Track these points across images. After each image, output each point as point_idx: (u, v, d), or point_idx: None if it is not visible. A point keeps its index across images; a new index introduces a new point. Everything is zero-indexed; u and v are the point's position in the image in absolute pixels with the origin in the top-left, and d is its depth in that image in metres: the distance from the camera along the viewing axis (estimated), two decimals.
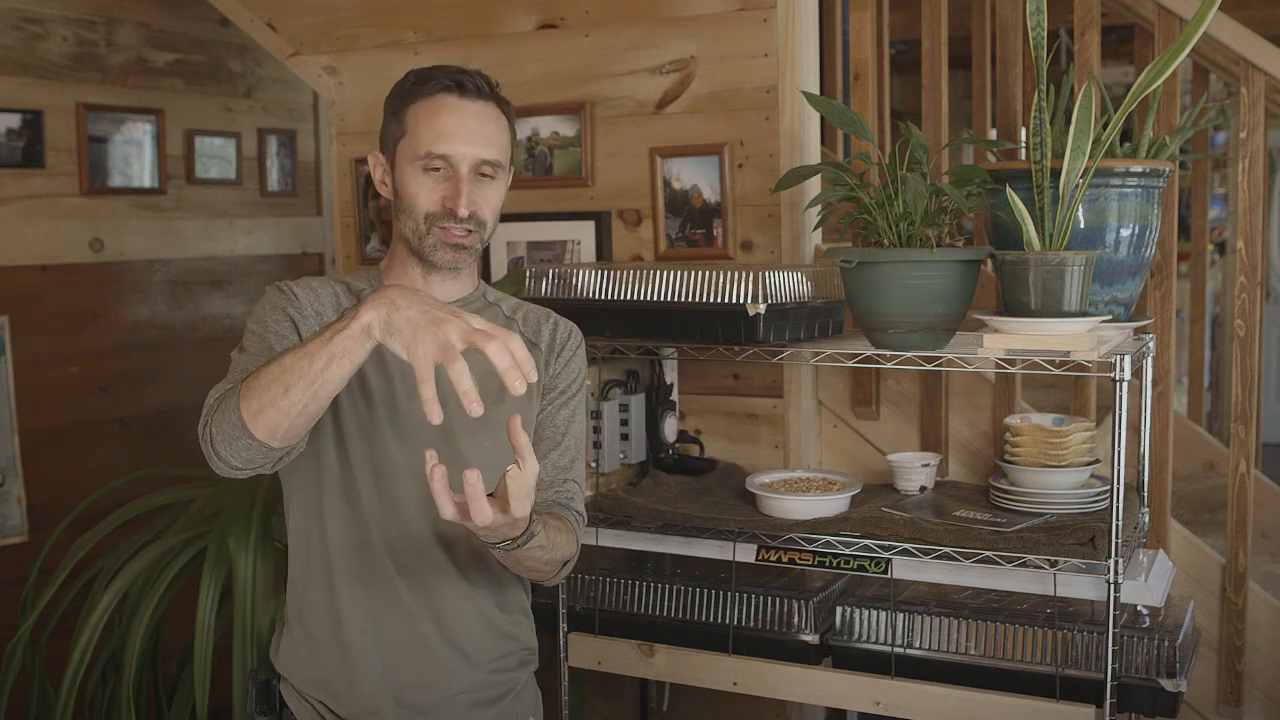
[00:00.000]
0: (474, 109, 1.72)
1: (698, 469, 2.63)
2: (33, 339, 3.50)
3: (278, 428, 1.45)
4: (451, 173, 1.71)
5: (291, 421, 1.45)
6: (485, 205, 1.73)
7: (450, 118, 1.71)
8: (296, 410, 1.44)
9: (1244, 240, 2.46)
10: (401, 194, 1.74)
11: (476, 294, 1.85)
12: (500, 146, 1.75)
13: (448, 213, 1.70)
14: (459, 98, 1.71)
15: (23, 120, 3.48)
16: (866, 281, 2.12)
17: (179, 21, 3.91)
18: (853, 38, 2.69)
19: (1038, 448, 2.24)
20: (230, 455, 1.49)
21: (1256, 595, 2.49)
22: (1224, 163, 5.75)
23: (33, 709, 2.74)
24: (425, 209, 1.71)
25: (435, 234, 1.71)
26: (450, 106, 1.71)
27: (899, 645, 2.23)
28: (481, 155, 1.72)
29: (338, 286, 1.78)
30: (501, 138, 1.76)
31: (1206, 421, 4.33)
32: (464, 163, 1.71)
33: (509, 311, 1.86)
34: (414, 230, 1.72)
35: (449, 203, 1.70)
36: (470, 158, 1.71)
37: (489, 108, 1.74)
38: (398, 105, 1.75)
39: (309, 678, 1.76)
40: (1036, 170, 2.12)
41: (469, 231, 1.72)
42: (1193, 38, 2.04)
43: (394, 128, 1.76)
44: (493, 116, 1.75)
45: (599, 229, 2.83)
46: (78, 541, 2.76)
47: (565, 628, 2.47)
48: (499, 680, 1.81)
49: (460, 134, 1.71)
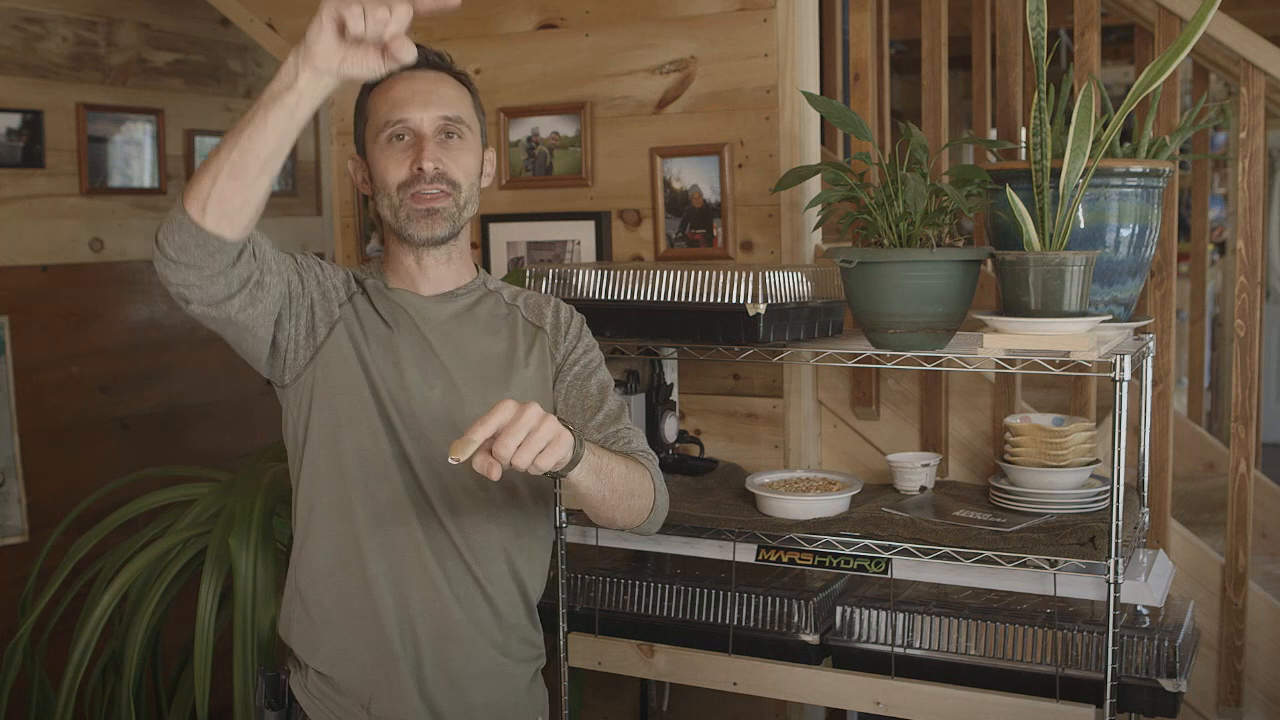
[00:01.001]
0: (427, 75, 1.75)
1: (698, 469, 2.63)
2: (33, 339, 3.50)
3: (206, 195, 1.44)
4: (415, 138, 1.72)
5: (218, 185, 1.43)
6: (454, 164, 1.73)
7: (402, 85, 1.74)
8: (224, 171, 1.42)
9: (1244, 240, 2.46)
10: (375, 177, 1.75)
11: (476, 282, 1.85)
12: (461, 106, 1.76)
13: (415, 176, 1.71)
14: (411, 70, 1.71)
15: (23, 120, 3.48)
16: (866, 281, 2.12)
17: (179, 21, 3.91)
18: (853, 38, 2.69)
19: (1038, 448, 2.24)
20: (166, 239, 1.50)
21: (1256, 595, 2.49)
22: (1224, 163, 5.75)
23: (33, 709, 2.74)
24: (395, 180, 1.72)
25: (408, 204, 1.72)
26: (403, 78, 1.74)
27: (899, 645, 2.23)
28: (440, 112, 1.73)
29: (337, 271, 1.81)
30: (462, 101, 1.77)
31: (1206, 421, 4.33)
32: (425, 124, 1.72)
33: (510, 298, 1.87)
34: (390, 207, 1.73)
35: (415, 164, 1.71)
36: (429, 118, 1.72)
37: (442, 75, 1.77)
38: (361, 101, 1.80)
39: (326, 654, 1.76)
40: (1036, 170, 2.12)
41: (441, 193, 1.72)
42: (1193, 38, 2.04)
43: (360, 123, 1.80)
44: (448, 81, 1.77)
45: (599, 229, 2.83)
46: (78, 541, 2.76)
47: (565, 628, 2.47)
48: (507, 667, 1.81)
49: (414, 97, 1.73)
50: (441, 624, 1.74)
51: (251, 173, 1.44)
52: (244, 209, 1.47)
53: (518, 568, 1.80)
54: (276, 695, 1.81)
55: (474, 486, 1.73)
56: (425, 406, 1.72)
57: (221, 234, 1.48)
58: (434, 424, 1.72)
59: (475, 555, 1.75)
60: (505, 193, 2.95)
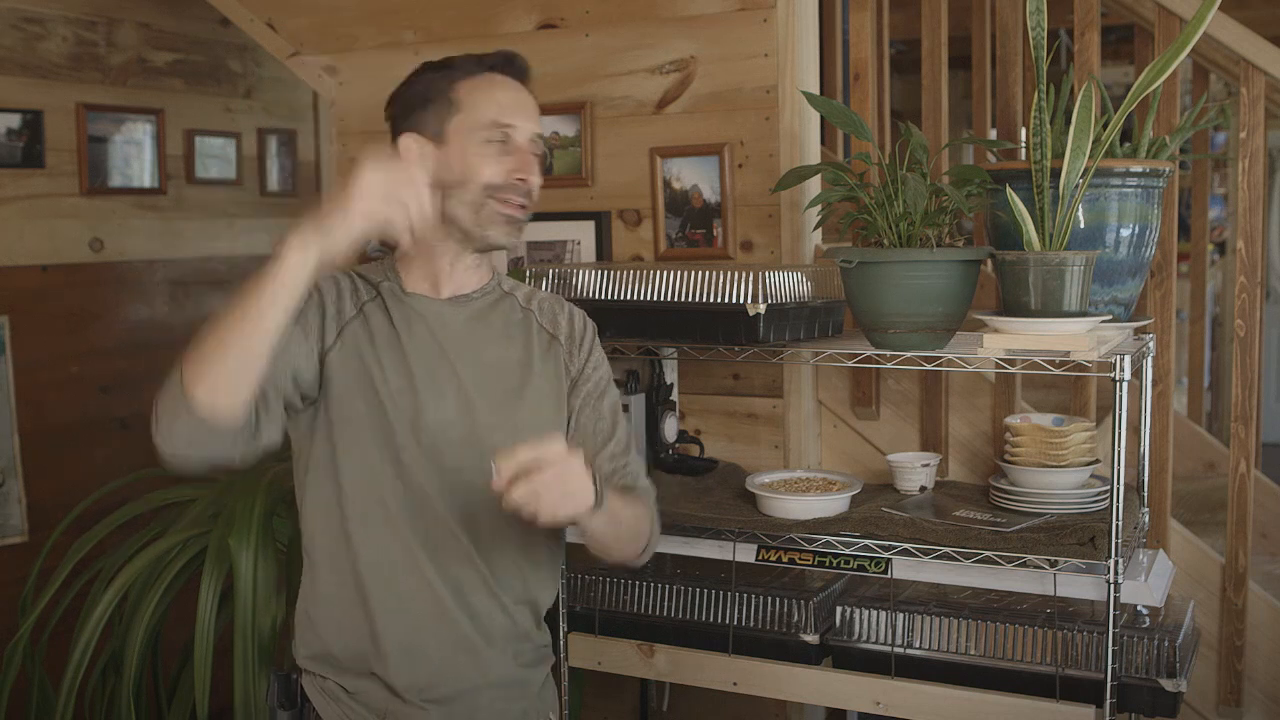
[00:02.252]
0: (521, 87, 1.78)
1: (698, 469, 2.63)
2: (33, 339, 3.50)
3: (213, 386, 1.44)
4: (513, 146, 1.72)
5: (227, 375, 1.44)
6: (539, 181, 1.76)
7: (509, 92, 1.75)
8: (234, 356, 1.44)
9: (1244, 240, 2.46)
10: (457, 169, 1.71)
11: (492, 284, 1.84)
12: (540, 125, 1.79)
13: (512, 184, 1.71)
14: (508, 77, 1.76)
15: (23, 120, 3.48)
16: (866, 281, 2.12)
17: (179, 21, 3.91)
18: (853, 38, 2.69)
19: (1038, 448, 2.24)
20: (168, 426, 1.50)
21: (1256, 595, 2.49)
22: (1224, 163, 5.75)
23: (33, 709, 2.74)
24: (487, 179, 1.70)
25: (492, 206, 1.71)
26: (504, 83, 1.76)
27: (899, 645, 2.23)
28: (537, 130, 1.76)
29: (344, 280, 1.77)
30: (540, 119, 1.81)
31: (1206, 421, 4.33)
32: (524, 136, 1.74)
33: (524, 301, 1.86)
34: (471, 203, 1.71)
35: (517, 174, 1.71)
36: (529, 133, 1.75)
37: (529, 90, 1.80)
38: (443, 85, 1.74)
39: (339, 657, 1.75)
40: (1036, 170, 2.12)
41: (524, 205, 1.73)
42: (1193, 38, 2.04)
43: (441, 108, 1.73)
44: (533, 98, 1.80)
45: (599, 229, 2.83)
46: (78, 541, 2.76)
47: (565, 628, 2.47)
48: (520, 675, 1.80)
49: (521, 108, 1.75)
50: (454, 641, 1.73)
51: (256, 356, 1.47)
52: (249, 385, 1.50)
53: (527, 576, 1.79)
54: (289, 696, 1.80)
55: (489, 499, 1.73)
56: (438, 416, 1.71)
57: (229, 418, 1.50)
58: (445, 432, 1.71)
59: (490, 567, 1.74)
60: None
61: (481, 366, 1.76)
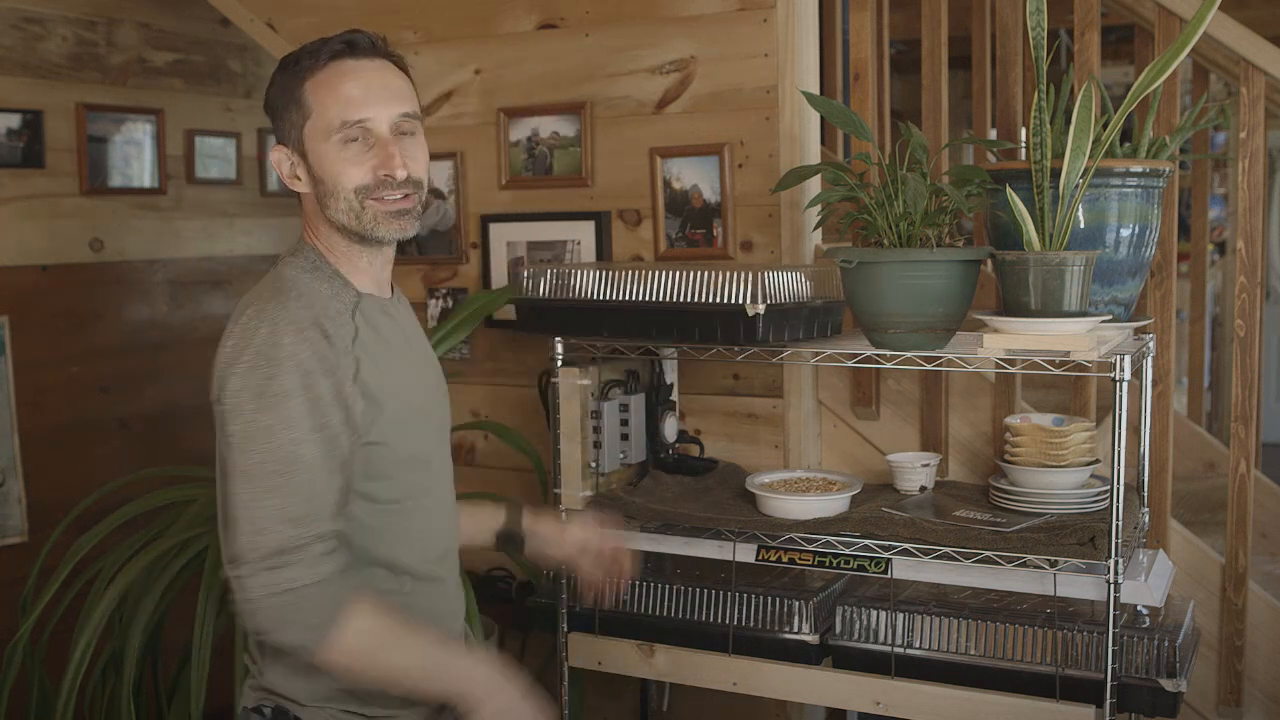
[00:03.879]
0: (373, 66, 1.63)
1: (698, 469, 2.62)
2: (33, 339, 3.50)
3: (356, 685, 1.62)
4: (373, 139, 1.62)
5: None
6: (415, 163, 1.65)
7: (353, 82, 1.61)
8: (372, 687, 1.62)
9: (1244, 240, 2.46)
10: (322, 177, 1.63)
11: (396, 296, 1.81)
12: (411, 99, 1.67)
13: (381, 181, 1.62)
14: (354, 60, 1.63)
15: (23, 120, 3.48)
16: (866, 281, 2.12)
17: (179, 21, 3.91)
18: (853, 38, 2.69)
19: (1038, 448, 2.24)
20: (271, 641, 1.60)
21: (1256, 595, 2.49)
22: (1224, 163, 5.75)
23: (33, 709, 2.74)
24: (354, 184, 1.61)
25: (371, 207, 1.62)
26: (349, 71, 1.62)
27: (899, 645, 2.23)
28: (398, 110, 1.63)
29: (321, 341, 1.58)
30: (410, 92, 1.68)
31: (1206, 421, 4.32)
32: (383, 124, 1.61)
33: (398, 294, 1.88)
34: (348, 210, 1.62)
35: (382, 169, 1.61)
36: (388, 117, 1.62)
37: (386, 64, 1.66)
38: (290, 87, 1.64)
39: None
40: (1036, 170, 2.12)
41: (407, 195, 1.64)
42: (1193, 38, 2.04)
43: (293, 113, 1.64)
44: (393, 71, 1.67)
45: (599, 229, 2.83)
46: (78, 541, 2.75)
47: (565, 628, 2.47)
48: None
49: (369, 96, 1.61)
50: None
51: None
52: None
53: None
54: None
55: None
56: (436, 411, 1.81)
57: None
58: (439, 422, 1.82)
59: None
60: (505, 193, 2.95)
61: (428, 358, 1.83)
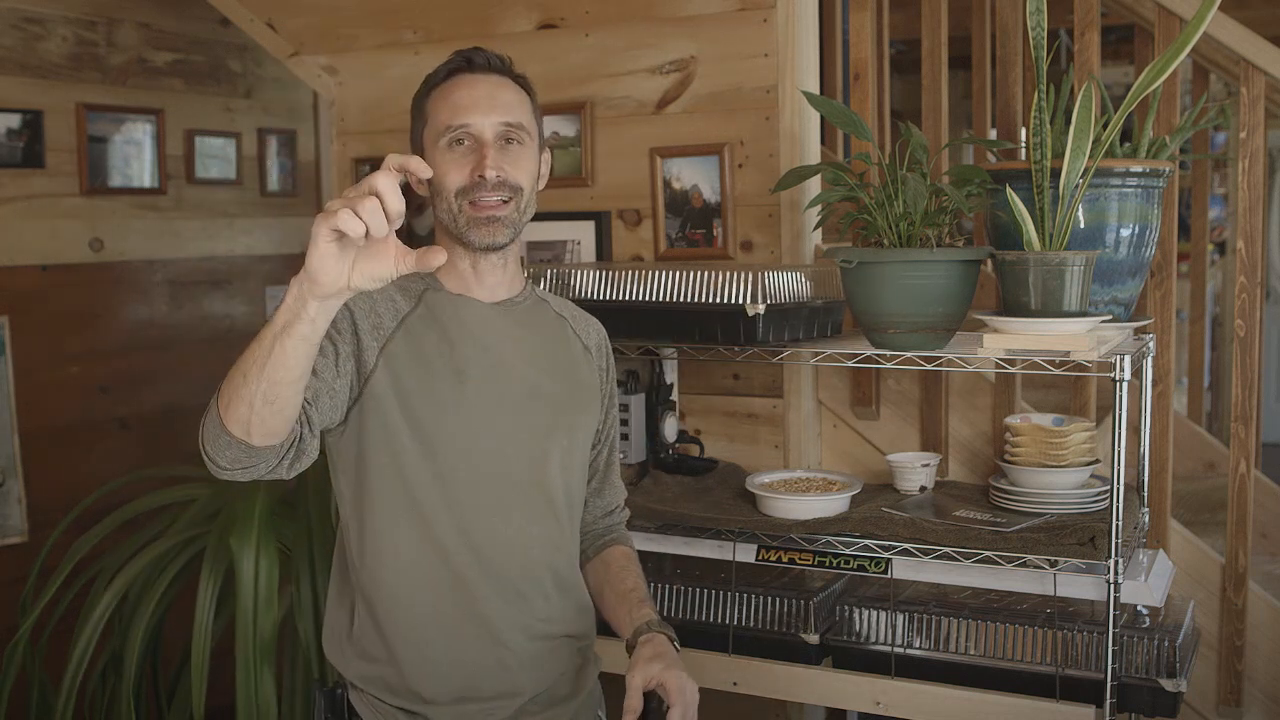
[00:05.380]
0: (487, 80, 1.73)
1: (698, 469, 2.63)
2: (33, 339, 3.50)
3: (246, 420, 1.41)
4: (475, 144, 1.70)
5: (255, 412, 1.41)
6: (515, 169, 1.71)
7: (464, 91, 1.71)
8: (258, 400, 1.40)
9: (1244, 240, 2.46)
10: (434, 180, 1.71)
11: (528, 290, 1.85)
12: (521, 112, 1.74)
13: (476, 183, 1.68)
14: (470, 73, 1.73)
15: (23, 120, 3.48)
16: (866, 281, 2.12)
17: (179, 21, 3.91)
18: (853, 38, 2.69)
19: (1038, 448, 2.24)
20: (215, 454, 1.47)
21: (1256, 595, 2.49)
22: (1224, 163, 5.75)
23: (33, 709, 2.75)
24: (454, 185, 1.69)
25: (466, 211, 1.69)
26: (463, 82, 1.72)
27: (899, 645, 2.23)
28: (501, 119, 1.71)
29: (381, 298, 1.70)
30: (522, 105, 1.75)
31: (1206, 421, 4.33)
32: (486, 130, 1.70)
33: (558, 309, 1.88)
34: (448, 212, 1.71)
35: (476, 171, 1.68)
36: (490, 125, 1.70)
37: (503, 79, 1.75)
38: (419, 98, 1.77)
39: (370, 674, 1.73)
40: (1036, 170, 2.12)
41: (502, 201, 1.69)
42: (1193, 38, 2.04)
43: (418, 122, 1.76)
44: (508, 86, 1.75)
45: (599, 229, 2.83)
46: (78, 541, 2.76)
47: None
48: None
49: (476, 103, 1.70)
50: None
51: (285, 396, 1.42)
52: (285, 419, 1.46)
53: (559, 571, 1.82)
54: (335, 710, 1.76)
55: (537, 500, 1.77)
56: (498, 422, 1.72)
57: (271, 444, 1.47)
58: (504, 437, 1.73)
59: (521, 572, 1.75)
60: None
61: (533, 371, 1.77)
